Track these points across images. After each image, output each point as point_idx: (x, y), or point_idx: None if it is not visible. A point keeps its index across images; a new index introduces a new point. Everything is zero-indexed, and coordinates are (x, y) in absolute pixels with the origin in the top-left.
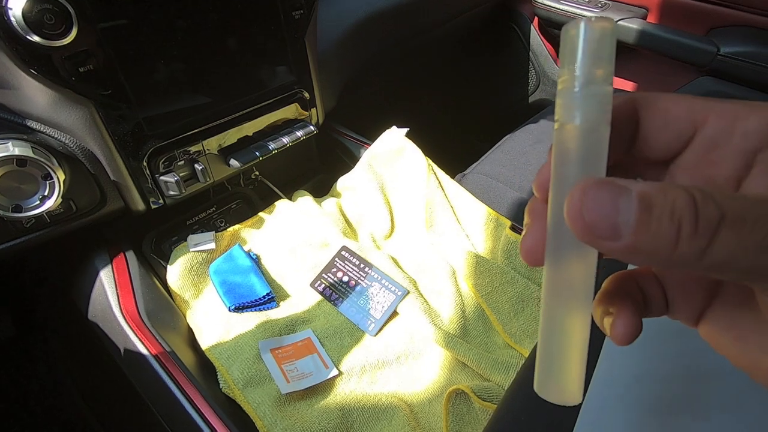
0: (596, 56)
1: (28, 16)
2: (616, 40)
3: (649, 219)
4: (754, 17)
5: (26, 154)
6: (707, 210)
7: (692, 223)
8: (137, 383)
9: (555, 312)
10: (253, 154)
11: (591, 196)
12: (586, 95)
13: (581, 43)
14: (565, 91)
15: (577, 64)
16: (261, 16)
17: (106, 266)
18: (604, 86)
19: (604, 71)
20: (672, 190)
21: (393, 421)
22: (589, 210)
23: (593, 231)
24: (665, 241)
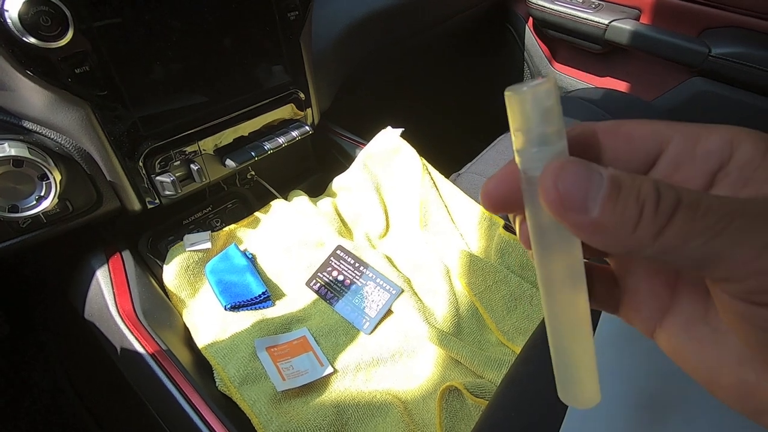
0: (545, 118)
1: (24, 17)
2: (559, 98)
3: (617, 197)
4: (745, 19)
5: (22, 154)
6: (668, 195)
7: (653, 206)
8: (134, 382)
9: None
10: (248, 154)
11: (567, 169)
12: (543, 154)
13: (529, 109)
14: (524, 152)
15: (529, 128)
16: (256, 16)
17: (102, 266)
18: (558, 142)
19: (556, 128)
20: (639, 177)
21: (387, 417)
22: (564, 181)
23: (564, 202)
24: (628, 220)
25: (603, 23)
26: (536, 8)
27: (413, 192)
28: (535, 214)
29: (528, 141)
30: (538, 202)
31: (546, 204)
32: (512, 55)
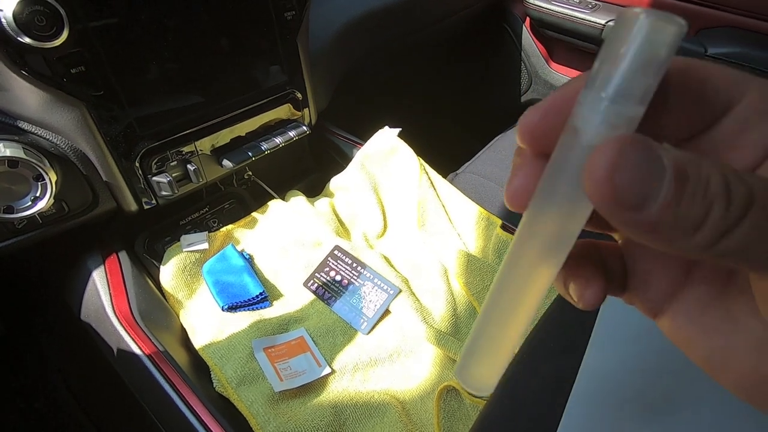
0: (644, 65)
1: (18, 17)
2: (673, 54)
3: (682, 194)
4: (741, 19)
5: (18, 155)
6: (739, 192)
7: (724, 206)
8: (131, 383)
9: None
10: (245, 155)
11: (627, 157)
12: (613, 111)
13: (632, 42)
14: (591, 96)
15: (618, 66)
16: (253, 16)
17: (98, 267)
18: (637, 107)
19: (645, 88)
20: (706, 164)
21: (385, 417)
22: (622, 172)
23: (618, 197)
24: (691, 221)
25: (600, 23)
26: (533, 8)
27: (411, 192)
28: (559, 169)
29: (605, 83)
30: (572, 160)
31: (594, 195)
32: (509, 55)
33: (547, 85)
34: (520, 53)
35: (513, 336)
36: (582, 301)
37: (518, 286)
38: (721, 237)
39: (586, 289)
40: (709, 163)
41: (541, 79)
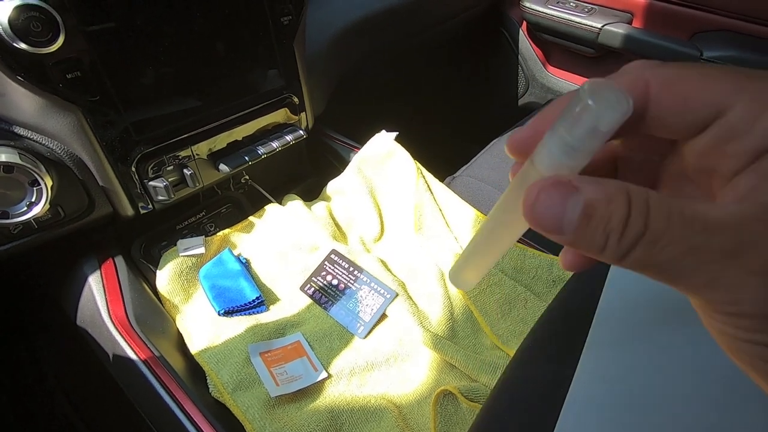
0: (591, 133)
1: (14, 23)
2: (614, 130)
3: (587, 227)
4: (735, 22)
5: (13, 160)
6: (633, 227)
7: (617, 238)
8: (126, 388)
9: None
10: (242, 159)
11: (544, 196)
12: (563, 159)
13: (585, 114)
14: (546, 143)
15: (572, 128)
16: (249, 21)
17: (94, 272)
18: (582, 159)
19: (591, 147)
20: (616, 200)
21: (382, 422)
22: (540, 208)
23: (540, 223)
24: (596, 245)
25: (596, 27)
26: (530, 12)
27: (408, 196)
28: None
29: (556, 138)
30: (524, 184)
31: (526, 219)
32: (507, 59)
33: (544, 89)
34: (517, 57)
35: (497, 248)
36: (564, 261)
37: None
38: (622, 258)
39: (568, 252)
40: (620, 197)
41: (538, 83)
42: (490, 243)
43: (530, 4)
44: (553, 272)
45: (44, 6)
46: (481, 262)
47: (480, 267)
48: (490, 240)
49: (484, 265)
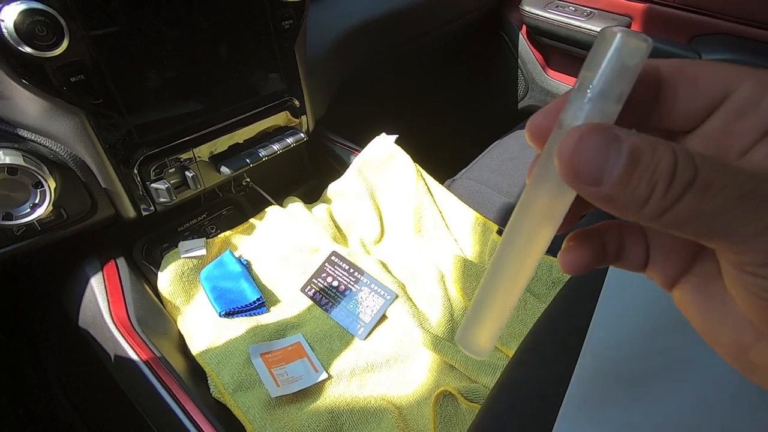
0: (620, 72)
1: (20, 27)
2: (643, 62)
3: (631, 175)
4: (734, 26)
5: (17, 162)
6: (683, 173)
7: (666, 187)
8: (128, 389)
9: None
10: (243, 161)
11: (587, 141)
12: (594, 108)
13: (610, 54)
14: (575, 98)
15: (599, 72)
16: (250, 25)
17: (96, 273)
18: (614, 105)
19: (621, 90)
20: (660, 148)
21: (382, 423)
22: (581, 154)
23: (578, 173)
24: (637, 198)
25: (595, 31)
26: (529, 16)
27: (408, 198)
28: (548, 155)
29: (586, 87)
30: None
31: (560, 171)
32: (506, 63)
33: (544, 92)
34: (516, 60)
35: (510, 305)
36: (561, 262)
37: (514, 260)
38: (664, 212)
39: (566, 252)
40: (665, 146)
41: (537, 86)
42: (508, 271)
43: (530, 8)
44: (552, 274)
45: (49, 11)
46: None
47: (493, 320)
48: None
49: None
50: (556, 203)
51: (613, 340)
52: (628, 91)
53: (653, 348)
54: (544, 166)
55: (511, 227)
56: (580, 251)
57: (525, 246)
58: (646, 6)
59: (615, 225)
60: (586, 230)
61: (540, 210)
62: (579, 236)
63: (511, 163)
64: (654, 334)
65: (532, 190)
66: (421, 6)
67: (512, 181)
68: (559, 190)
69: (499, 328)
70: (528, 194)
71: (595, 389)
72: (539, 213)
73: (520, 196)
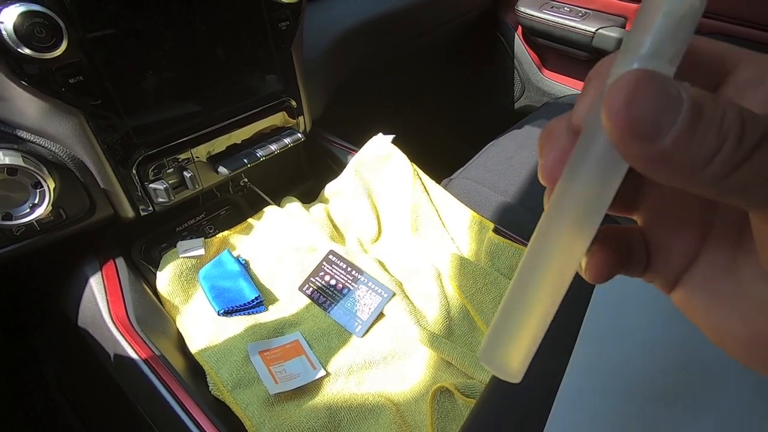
0: (674, 30)
1: (19, 29)
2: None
3: (697, 125)
4: (730, 26)
5: (16, 163)
6: (754, 126)
7: (737, 138)
8: (127, 388)
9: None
10: (241, 161)
11: (644, 87)
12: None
13: (665, 10)
14: (625, 57)
15: (651, 30)
16: (247, 27)
17: (95, 273)
18: (668, 66)
19: (675, 50)
20: (726, 101)
21: (380, 419)
22: (638, 102)
23: (633, 125)
24: (704, 152)
25: (590, 31)
26: (525, 17)
27: (404, 197)
28: (592, 132)
29: (639, 45)
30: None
31: (610, 125)
32: (502, 63)
33: (540, 92)
34: (512, 61)
35: (547, 313)
36: (584, 270)
37: (550, 261)
38: (731, 172)
39: (589, 260)
40: (727, 100)
41: (533, 86)
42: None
43: (525, 9)
44: None
45: (48, 12)
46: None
47: (527, 335)
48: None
49: (535, 329)
50: (601, 194)
51: (607, 335)
52: (682, 53)
53: (647, 342)
54: (585, 148)
55: (544, 231)
56: (605, 255)
57: (570, 246)
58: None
59: (618, 229)
60: (602, 235)
61: (580, 206)
62: (599, 241)
63: (507, 163)
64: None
65: (570, 182)
66: (417, 7)
67: (509, 181)
68: (603, 175)
69: (534, 347)
70: (564, 187)
71: (588, 383)
72: (580, 210)
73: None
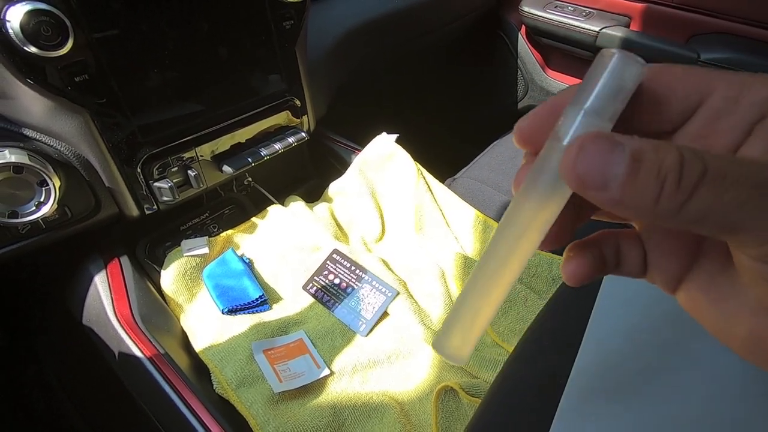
0: (613, 93)
1: (25, 27)
2: (637, 85)
3: (637, 175)
4: (732, 25)
5: (22, 161)
6: (692, 166)
7: (675, 181)
8: (131, 386)
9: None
10: (245, 160)
11: (588, 149)
12: (588, 124)
13: (606, 75)
14: (573, 108)
15: (595, 90)
16: (252, 26)
17: (100, 271)
18: (607, 123)
19: (613, 109)
20: (664, 148)
21: (384, 418)
22: (584, 162)
23: (584, 181)
24: (648, 196)
25: (594, 30)
26: (528, 17)
27: (408, 196)
28: (542, 163)
29: (582, 103)
30: (552, 159)
31: (566, 181)
32: (505, 62)
33: (543, 92)
34: (516, 60)
35: (488, 312)
36: (563, 272)
37: (496, 266)
38: (681, 207)
39: (567, 263)
40: (669, 146)
41: (537, 86)
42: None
43: (529, 9)
44: (552, 270)
45: (54, 11)
46: (471, 321)
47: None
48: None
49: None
50: (544, 211)
51: (613, 334)
52: (621, 110)
53: (653, 342)
54: (537, 172)
55: (498, 233)
56: (580, 261)
57: (509, 253)
58: (644, 5)
59: (611, 233)
60: (584, 240)
61: (528, 217)
62: (577, 247)
63: (511, 162)
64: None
65: (522, 197)
66: (421, 7)
67: (512, 180)
68: (549, 197)
69: (476, 336)
70: (517, 201)
71: (594, 383)
72: (527, 220)
73: None
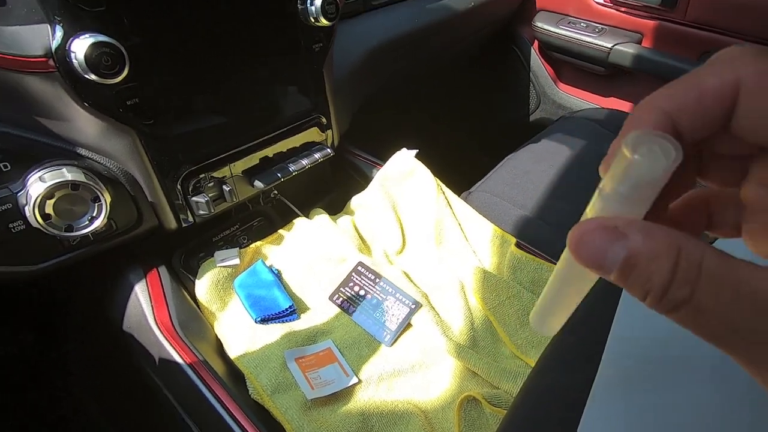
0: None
1: (89, 58)
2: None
3: (629, 276)
4: (741, 42)
5: (79, 179)
6: (676, 292)
7: (657, 298)
8: (171, 391)
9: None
10: (275, 176)
11: (587, 237)
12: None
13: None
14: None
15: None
16: (284, 50)
17: (140, 280)
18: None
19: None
20: (659, 259)
21: (409, 425)
22: (582, 247)
23: (584, 262)
24: (637, 294)
25: (606, 47)
26: (541, 32)
27: (429, 211)
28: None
29: (612, 187)
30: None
31: (573, 256)
32: (518, 76)
33: (555, 105)
34: (528, 74)
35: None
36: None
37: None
38: (666, 312)
39: None
40: (664, 261)
41: (549, 99)
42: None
43: (542, 24)
44: None
45: (115, 43)
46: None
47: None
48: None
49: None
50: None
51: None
52: (654, 195)
53: (676, 352)
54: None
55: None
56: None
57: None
58: (656, 23)
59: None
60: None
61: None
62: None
63: (525, 177)
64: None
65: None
66: (438, 24)
67: (527, 195)
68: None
69: (567, 315)
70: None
71: (617, 394)
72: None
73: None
